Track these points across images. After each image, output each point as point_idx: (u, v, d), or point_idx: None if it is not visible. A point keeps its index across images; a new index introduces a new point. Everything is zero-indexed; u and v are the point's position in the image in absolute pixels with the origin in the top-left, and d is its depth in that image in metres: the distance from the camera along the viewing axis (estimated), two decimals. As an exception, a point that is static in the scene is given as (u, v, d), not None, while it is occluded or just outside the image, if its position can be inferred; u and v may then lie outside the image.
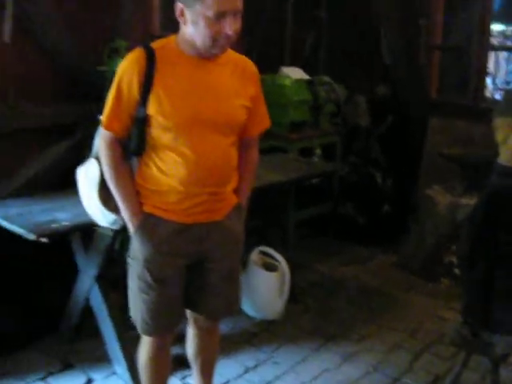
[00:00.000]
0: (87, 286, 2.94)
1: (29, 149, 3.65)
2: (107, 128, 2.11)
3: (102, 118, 2.11)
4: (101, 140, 2.14)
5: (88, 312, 3.02)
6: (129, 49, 3.55)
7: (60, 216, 2.63)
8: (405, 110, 4.98)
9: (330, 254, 4.54)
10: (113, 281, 3.00)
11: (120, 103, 2.06)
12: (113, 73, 3.49)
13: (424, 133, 4.90)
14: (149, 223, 2.13)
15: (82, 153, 3.71)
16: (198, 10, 1.92)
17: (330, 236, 4.80)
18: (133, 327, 2.32)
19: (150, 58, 2.02)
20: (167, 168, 2.07)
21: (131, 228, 2.15)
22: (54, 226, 2.51)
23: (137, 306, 2.22)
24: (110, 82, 3.52)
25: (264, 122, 2.31)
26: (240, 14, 1.98)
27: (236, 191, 2.25)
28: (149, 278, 2.14)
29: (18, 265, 3.34)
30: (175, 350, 2.71)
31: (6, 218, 2.61)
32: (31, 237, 2.41)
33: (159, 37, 4.18)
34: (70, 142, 3.75)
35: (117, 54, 3.59)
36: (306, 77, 4.63)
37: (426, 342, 3.38)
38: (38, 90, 3.69)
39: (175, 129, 2.03)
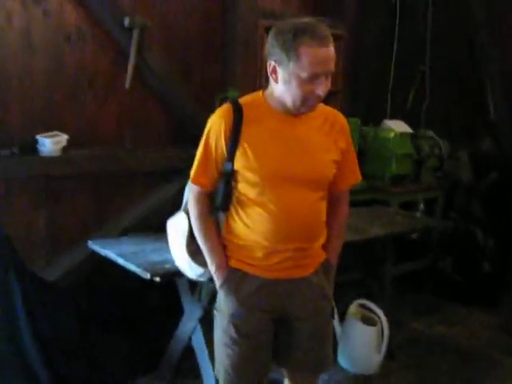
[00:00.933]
0: (190, 327, 3.01)
1: (142, 190, 3.84)
2: (195, 182, 2.14)
3: (191, 171, 2.13)
4: (190, 193, 2.18)
5: (188, 353, 3.07)
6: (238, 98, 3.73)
7: (170, 257, 2.70)
8: (510, 167, 4.84)
9: (427, 311, 4.42)
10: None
11: (208, 158, 2.08)
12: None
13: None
14: (234, 277, 2.12)
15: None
16: (291, 69, 1.92)
17: (427, 292, 4.68)
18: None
19: (238, 114, 2.03)
20: (253, 223, 2.05)
21: (217, 281, 2.15)
22: (167, 266, 2.59)
23: (220, 358, 2.18)
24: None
25: (354, 176, 2.26)
26: (331, 75, 1.99)
27: (325, 246, 2.19)
28: (234, 333, 2.11)
29: (122, 301, 3.49)
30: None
31: (121, 256, 2.72)
32: (146, 276, 2.50)
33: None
34: (179, 185, 3.90)
35: (228, 103, 3.72)
36: (408, 130, 4.61)
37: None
38: (153, 136, 3.90)
39: (261, 184, 2.01)
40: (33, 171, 3.34)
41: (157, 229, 3.56)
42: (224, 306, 2.14)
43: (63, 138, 3.41)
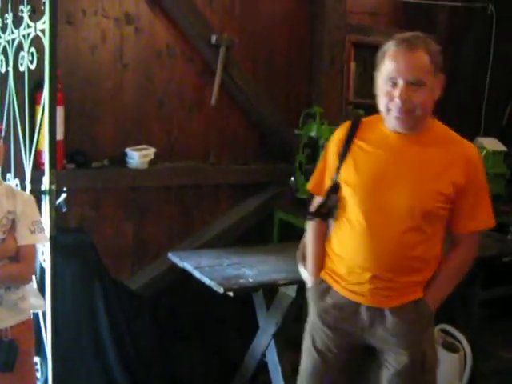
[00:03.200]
0: (265, 342, 3.00)
1: (225, 203, 3.92)
2: (310, 188, 2.22)
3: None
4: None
5: (263, 368, 3.07)
6: (324, 115, 3.72)
7: (247, 272, 2.73)
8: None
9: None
10: (291, 340, 3.04)
11: (323, 167, 2.14)
12: (307, 137, 3.72)
13: None
14: (319, 288, 2.11)
15: (269, 210, 3.92)
16: (377, 77, 1.93)
17: (518, 320, 4.43)
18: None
19: (352, 129, 2.04)
20: (343, 237, 2.04)
21: (307, 287, 2.18)
22: (241, 281, 2.60)
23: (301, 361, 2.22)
24: (304, 145, 3.73)
25: (475, 223, 1.98)
26: (422, 87, 1.85)
27: (427, 286, 2.01)
28: (309, 342, 2.14)
29: (200, 313, 3.54)
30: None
31: (197, 269, 2.76)
32: (220, 290, 2.52)
33: (352, 104, 4.38)
34: (260, 200, 3.94)
35: (312, 119, 3.73)
36: (502, 148, 4.41)
37: None
38: (237, 150, 3.96)
39: (353, 201, 1.99)
40: (121, 183, 3.49)
41: (238, 242, 3.64)
42: (309, 313, 2.18)
43: (151, 151, 3.53)
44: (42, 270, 2.80)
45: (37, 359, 3.13)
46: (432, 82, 1.87)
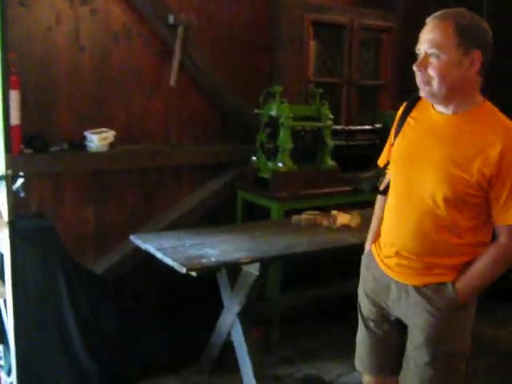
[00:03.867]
0: (230, 321, 3.03)
1: (188, 185, 3.91)
2: (378, 163, 2.28)
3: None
4: None
5: (228, 347, 3.10)
6: (284, 94, 3.73)
7: (209, 252, 2.74)
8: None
9: (477, 312, 4.25)
10: (256, 318, 3.07)
11: (388, 143, 2.21)
12: (267, 116, 3.73)
13: None
14: (367, 258, 2.23)
15: (232, 190, 3.93)
16: None
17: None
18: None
19: (408, 107, 2.07)
20: (385, 211, 2.13)
21: None
22: (203, 261, 2.61)
23: None
24: (265, 124, 3.73)
25: (506, 215, 1.88)
26: (441, 59, 1.82)
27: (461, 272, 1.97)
28: (358, 310, 2.26)
29: (167, 295, 3.55)
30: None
31: (160, 250, 2.76)
32: (182, 270, 2.52)
33: (312, 82, 4.40)
34: (222, 181, 3.95)
35: (273, 98, 3.73)
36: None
37: None
38: (198, 131, 3.95)
39: (392, 176, 2.10)
40: (81, 166, 3.44)
41: (201, 223, 3.65)
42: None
43: (110, 134, 3.49)
44: (1, 256, 2.77)
45: (0, 347, 3.11)
46: (455, 54, 1.81)
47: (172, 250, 2.77)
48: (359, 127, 4.34)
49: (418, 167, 1.94)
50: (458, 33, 1.81)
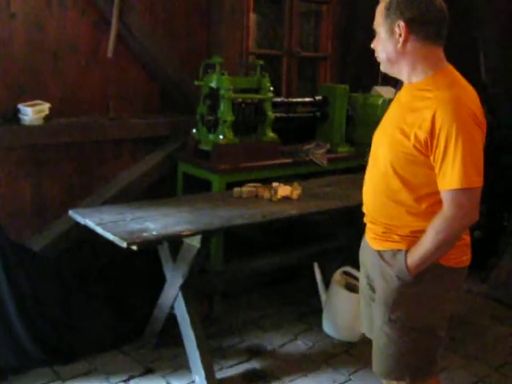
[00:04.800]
0: (172, 295, 3.02)
1: (127, 158, 3.84)
2: None
3: None
4: None
5: (172, 320, 3.10)
6: (224, 65, 3.69)
7: (150, 225, 2.71)
8: (501, 131, 4.79)
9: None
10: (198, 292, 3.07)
11: None
12: (207, 88, 3.68)
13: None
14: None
15: (173, 163, 3.89)
16: None
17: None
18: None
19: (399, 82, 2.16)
20: None
21: None
22: (144, 234, 2.58)
23: None
24: (205, 96, 3.69)
25: (444, 180, 1.86)
26: (378, 34, 2.00)
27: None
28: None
29: (109, 271, 3.50)
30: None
31: (100, 225, 2.71)
32: (123, 244, 2.49)
33: (252, 54, 4.37)
34: (162, 154, 3.89)
35: (213, 69, 3.69)
36: (398, 96, 4.55)
37: (512, 378, 3.23)
38: (137, 103, 3.87)
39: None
40: (15, 140, 3.31)
41: (142, 197, 3.60)
42: None
43: (45, 106, 3.38)
44: None
45: None
46: (385, 29, 1.96)
47: (112, 224, 2.73)
48: (300, 99, 4.35)
49: (380, 134, 2.06)
50: (386, 9, 1.95)
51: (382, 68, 2.06)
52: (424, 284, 2.00)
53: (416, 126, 1.88)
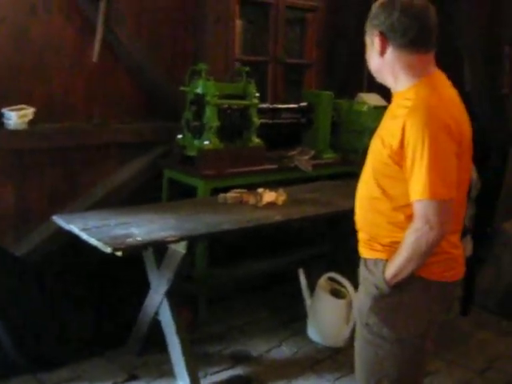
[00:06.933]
0: (157, 301, 3.01)
1: (112, 164, 3.83)
2: None
3: None
4: None
5: (157, 326, 3.08)
6: (210, 71, 3.69)
7: (135, 231, 2.70)
8: (484, 139, 4.84)
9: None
10: (183, 298, 3.06)
11: None
12: (193, 94, 3.69)
13: (504, 163, 4.74)
14: None
15: (158, 169, 3.88)
16: None
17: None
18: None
19: None
20: None
21: None
22: (128, 240, 2.57)
23: None
24: (190, 102, 3.69)
25: (413, 192, 1.83)
26: (367, 47, 2.01)
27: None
28: None
29: (92, 277, 3.49)
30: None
31: (84, 230, 2.70)
32: (107, 250, 2.48)
33: (238, 60, 4.39)
34: (147, 159, 3.89)
35: (199, 76, 3.69)
36: (383, 103, 4.58)
37: (496, 382, 3.25)
38: (122, 109, 3.86)
39: None
40: (-1, 145, 3.30)
41: (127, 203, 3.58)
42: None
43: (29, 111, 3.36)
44: None
45: None
46: (369, 40, 1.99)
47: (96, 229, 2.72)
48: (285, 105, 4.36)
49: (372, 141, 2.04)
50: (368, 20, 1.98)
51: (375, 77, 2.07)
52: (404, 294, 1.96)
53: (390, 135, 1.86)
